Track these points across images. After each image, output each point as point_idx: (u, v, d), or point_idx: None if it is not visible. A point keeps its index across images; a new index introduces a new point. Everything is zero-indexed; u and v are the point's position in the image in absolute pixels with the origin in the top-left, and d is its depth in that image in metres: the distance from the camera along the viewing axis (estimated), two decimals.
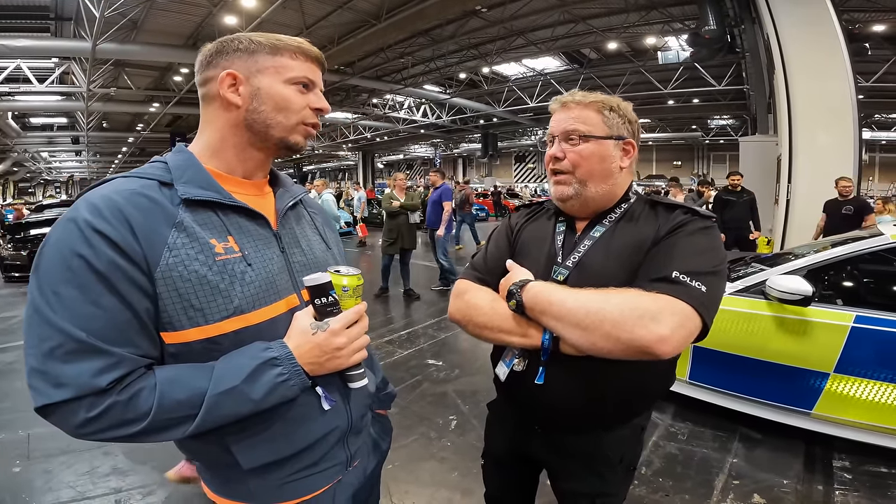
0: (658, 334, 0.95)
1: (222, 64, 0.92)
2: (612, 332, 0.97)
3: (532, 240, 1.32)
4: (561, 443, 1.29)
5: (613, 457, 1.27)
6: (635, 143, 1.23)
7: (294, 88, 0.94)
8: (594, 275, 1.14)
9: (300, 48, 0.95)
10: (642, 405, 1.28)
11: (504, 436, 1.46)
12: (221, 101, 0.92)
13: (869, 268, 3.02)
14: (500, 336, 1.18)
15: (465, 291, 1.29)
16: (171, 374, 0.80)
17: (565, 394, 1.18)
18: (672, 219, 1.15)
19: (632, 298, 1.00)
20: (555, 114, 1.24)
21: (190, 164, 0.90)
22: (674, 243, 1.10)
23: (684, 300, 0.99)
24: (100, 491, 2.64)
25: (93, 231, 0.75)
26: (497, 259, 1.32)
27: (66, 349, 0.73)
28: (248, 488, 0.94)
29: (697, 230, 1.12)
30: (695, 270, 1.03)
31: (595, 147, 1.17)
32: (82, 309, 0.74)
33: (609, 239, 1.19)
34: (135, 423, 0.77)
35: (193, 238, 0.83)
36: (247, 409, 0.83)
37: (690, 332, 0.99)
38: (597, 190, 1.19)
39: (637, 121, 1.25)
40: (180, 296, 0.80)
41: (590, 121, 1.18)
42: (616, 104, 1.20)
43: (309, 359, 0.88)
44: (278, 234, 0.98)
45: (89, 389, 0.74)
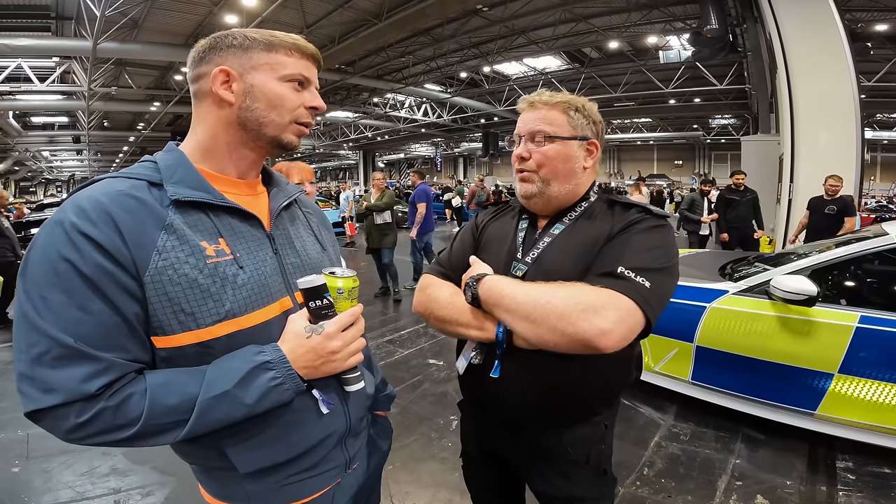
0: (599, 328, 0.96)
1: (215, 60, 0.89)
2: (557, 326, 0.99)
3: (495, 237, 1.36)
4: (524, 441, 1.30)
5: (577, 456, 1.27)
6: (599, 144, 1.26)
7: (289, 86, 0.92)
8: (551, 271, 1.16)
9: (295, 45, 0.92)
10: (599, 402, 1.28)
11: (473, 435, 1.48)
12: (214, 98, 0.90)
13: (874, 268, 3.00)
14: (458, 329, 1.21)
15: (428, 286, 1.32)
16: (162, 378, 0.79)
17: (520, 388, 1.20)
18: (626, 217, 1.18)
19: (577, 292, 1.02)
20: (522, 113, 1.26)
21: (180, 163, 0.88)
22: (624, 240, 1.13)
23: (627, 295, 1.01)
24: (99, 491, 2.63)
25: (79, 234, 0.73)
26: (461, 255, 1.35)
27: (53, 355, 0.72)
28: (245, 492, 0.92)
29: (648, 228, 1.14)
30: (640, 266, 1.05)
31: (560, 147, 1.20)
32: (70, 314, 0.73)
33: (567, 236, 1.22)
34: (125, 428, 0.75)
35: (183, 241, 0.81)
36: (240, 414, 0.81)
37: (631, 327, 1.00)
38: (560, 189, 1.22)
39: (601, 122, 1.28)
40: (170, 300, 0.78)
41: (555, 121, 1.20)
42: (581, 105, 1.23)
43: (303, 363, 0.86)
44: (272, 235, 0.96)
45: (78, 395, 0.72)
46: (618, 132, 34.52)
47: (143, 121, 24.99)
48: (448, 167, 49.65)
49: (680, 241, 12.66)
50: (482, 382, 1.23)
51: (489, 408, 1.32)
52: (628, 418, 3.39)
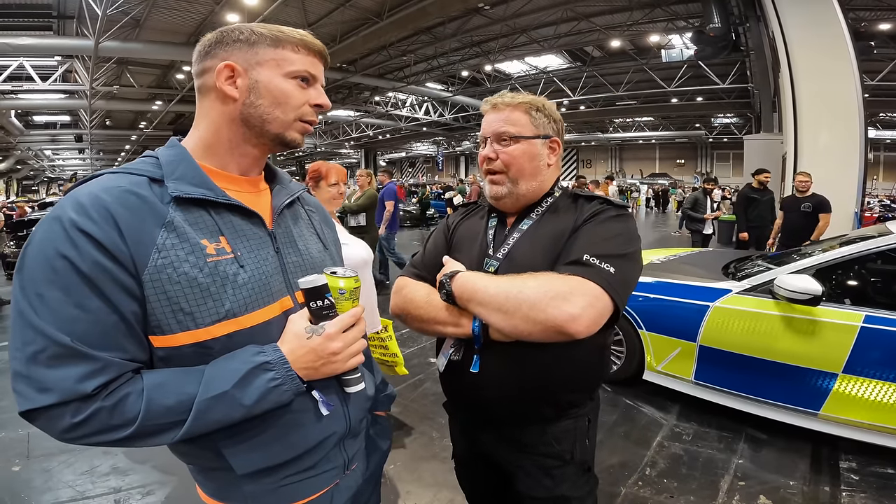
0: (569, 313, 1.01)
1: (221, 55, 0.88)
2: (529, 314, 1.04)
3: (466, 236, 1.39)
4: (507, 437, 1.32)
5: (562, 452, 1.28)
6: (560, 142, 1.31)
7: (294, 83, 0.90)
8: (521, 265, 1.19)
9: (303, 41, 0.91)
10: (577, 393, 1.29)
11: (460, 435, 1.50)
12: (217, 94, 0.88)
13: (879, 267, 2.98)
14: (435, 328, 1.24)
15: (404, 287, 1.35)
16: (160, 378, 0.77)
17: (499, 381, 1.22)
18: (588, 208, 1.23)
19: (546, 281, 1.07)
20: (486, 115, 1.30)
21: (182, 159, 0.86)
22: (588, 230, 1.18)
23: (593, 280, 1.05)
24: (99, 490, 2.62)
25: (78, 231, 0.72)
26: (434, 256, 1.38)
27: (49, 353, 0.71)
28: (242, 492, 0.91)
29: (610, 217, 1.20)
30: (604, 253, 1.10)
31: (525, 147, 1.25)
32: (66, 312, 0.71)
33: (535, 230, 1.27)
34: (121, 428, 0.74)
35: (184, 238, 0.80)
36: (238, 415, 0.80)
37: (600, 311, 1.05)
38: (527, 187, 1.27)
39: (561, 120, 1.33)
40: (169, 299, 0.77)
41: (519, 122, 1.25)
42: (542, 104, 1.28)
43: (303, 363, 0.85)
44: (273, 233, 0.94)
45: (74, 395, 0.71)
46: (620, 131, 34.50)
47: (146, 120, 25.03)
48: (449, 166, 49.65)
49: (683, 239, 12.64)
50: (463, 378, 1.25)
51: (471, 404, 1.34)
52: (630, 418, 3.38)
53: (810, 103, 7.61)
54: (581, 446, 1.31)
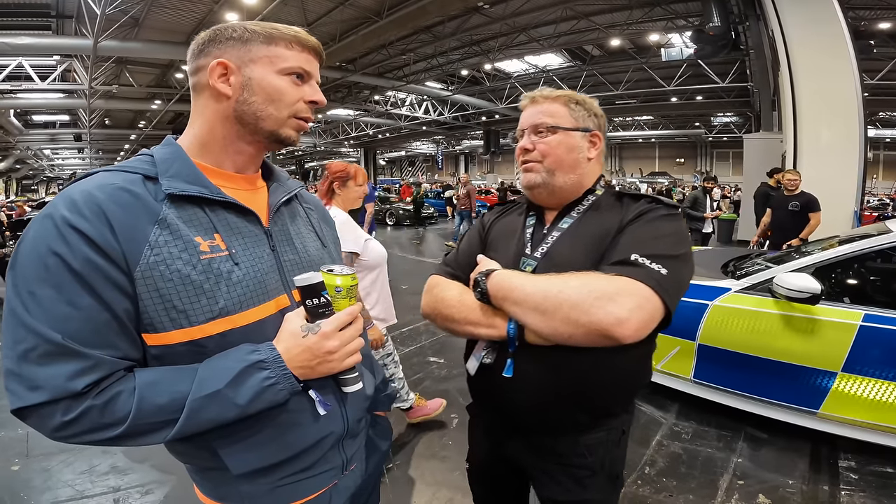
0: (615, 316, 0.94)
1: (214, 53, 0.87)
2: (570, 315, 0.98)
3: (502, 234, 1.35)
4: (537, 445, 1.27)
5: (594, 462, 1.24)
6: (601, 136, 1.26)
7: (288, 79, 0.90)
8: (561, 265, 1.13)
9: (296, 37, 0.90)
10: (616, 402, 1.24)
11: (483, 439, 1.44)
12: (211, 92, 0.88)
13: (878, 266, 2.98)
14: (467, 328, 1.19)
15: (435, 286, 1.30)
16: (152, 377, 0.77)
17: (534, 386, 1.16)
18: (636, 207, 1.17)
19: (590, 280, 1.01)
20: (525, 110, 1.28)
21: (177, 157, 0.86)
22: (636, 229, 1.11)
23: (642, 281, 0.98)
24: (98, 490, 2.62)
25: (69, 228, 0.72)
26: (469, 255, 1.33)
27: (40, 351, 0.70)
28: (239, 492, 0.91)
29: (660, 216, 1.13)
30: (654, 253, 1.03)
31: (562, 138, 1.21)
32: (58, 309, 0.71)
33: (576, 229, 1.21)
34: (113, 427, 0.74)
35: (177, 235, 0.79)
36: (232, 414, 0.79)
37: (650, 314, 0.98)
38: (564, 179, 1.22)
39: (603, 116, 1.29)
40: (161, 296, 0.77)
41: (557, 113, 1.22)
42: (582, 99, 1.25)
43: (299, 362, 0.84)
44: (269, 231, 0.94)
45: (65, 393, 0.71)
46: (619, 130, 34.49)
47: (145, 119, 25.03)
48: (449, 165, 49.63)
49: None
50: (494, 383, 1.19)
51: (502, 409, 1.27)
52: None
53: (810, 102, 7.61)
54: (612, 457, 1.27)
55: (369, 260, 2.59)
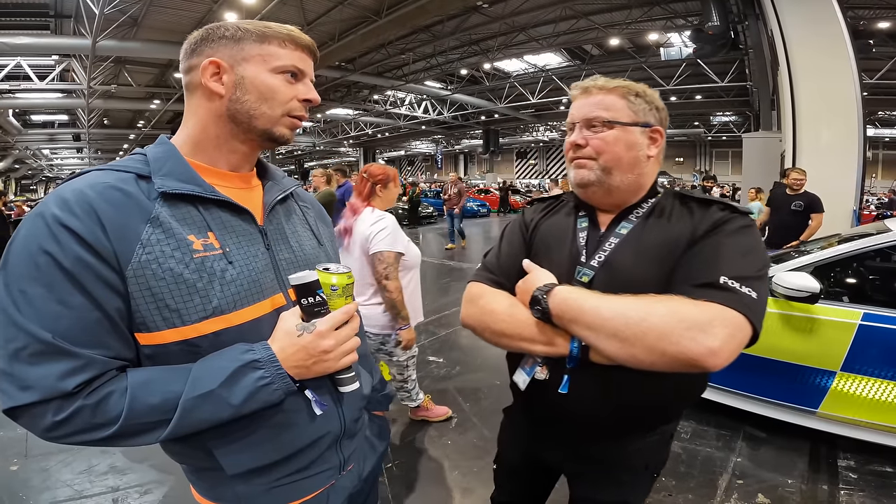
0: (708, 347, 0.87)
1: (206, 52, 0.87)
2: (656, 345, 0.90)
3: (550, 237, 1.22)
4: (583, 451, 1.22)
5: (638, 464, 1.20)
6: (663, 131, 1.15)
7: (281, 78, 0.89)
8: (623, 276, 1.06)
9: (290, 36, 0.90)
10: (674, 412, 1.21)
11: (520, 443, 1.38)
12: (204, 91, 0.88)
13: (877, 265, 2.98)
14: (520, 344, 1.10)
15: (480, 296, 1.19)
16: (145, 376, 0.77)
17: (592, 403, 1.09)
18: (709, 216, 1.06)
19: (678, 307, 0.92)
20: (575, 100, 1.16)
21: (170, 156, 0.86)
22: (716, 244, 1.01)
23: (736, 308, 0.91)
24: (97, 489, 2.62)
25: (60, 226, 0.71)
26: (511, 258, 1.22)
27: (31, 351, 0.70)
28: (235, 493, 0.90)
29: (738, 229, 1.03)
30: (743, 275, 0.95)
31: (620, 133, 1.09)
32: (49, 308, 0.71)
33: (638, 236, 1.10)
34: (104, 427, 0.74)
35: (170, 234, 0.79)
36: (226, 414, 0.79)
37: (741, 342, 0.91)
38: (622, 179, 1.11)
39: (664, 108, 1.17)
40: (153, 295, 0.76)
41: (614, 106, 1.10)
42: (642, 90, 1.14)
43: (294, 362, 0.83)
44: (264, 229, 0.93)
45: (55, 392, 0.70)
46: None
47: (144, 118, 25.01)
48: (449, 164, 49.59)
49: None
50: (545, 398, 1.13)
51: (554, 423, 1.22)
52: None
53: (809, 101, 7.60)
54: (657, 456, 1.24)
55: (410, 261, 2.70)
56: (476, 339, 3.20)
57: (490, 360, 4.50)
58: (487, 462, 2.77)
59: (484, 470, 2.76)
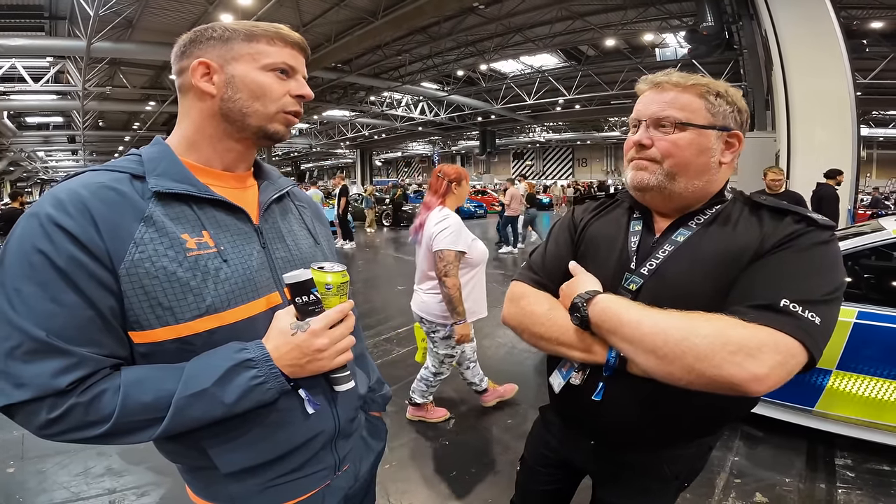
0: (753, 373, 0.80)
1: (196, 53, 0.89)
2: (695, 366, 0.84)
3: (600, 239, 1.16)
4: (614, 457, 1.19)
5: (669, 473, 1.15)
6: (742, 136, 1.04)
7: (272, 75, 0.90)
8: (674, 287, 0.99)
9: (278, 33, 0.91)
10: (713, 425, 1.12)
11: (549, 444, 1.36)
12: (195, 91, 0.89)
13: (871, 263, 3.00)
14: (558, 349, 1.06)
15: (522, 297, 1.16)
16: (138, 375, 0.78)
17: (626, 413, 1.06)
18: (782, 228, 0.95)
19: (725, 329, 0.84)
20: (643, 95, 1.07)
21: (164, 156, 0.87)
22: (784, 261, 0.92)
23: (792, 334, 0.83)
24: (94, 492, 2.61)
25: (54, 226, 0.73)
26: (557, 259, 1.18)
27: (25, 349, 0.71)
28: (228, 493, 0.91)
29: (814, 244, 0.92)
30: (810, 299, 0.86)
31: (693, 137, 1.00)
32: (43, 307, 0.72)
33: (696, 245, 1.02)
34: (97, 425, 0.74)
35: (163, 233, 0.80)
36: (219, 413, 0.79)
37: (791, 370, 0.83)
38: (686, 186, 1.02)
39: (747, 110, 1.06)
40: (147, 293, 0.77)
41: (690, 106, 1.00)
42: (724, 89, 1.03)
43: (288, 361, 0.84)
44: (259, 228, 0.94)
45: (49, 390, 0.71)
46: (615, 130, 34.57)
47: (139, 120, 24.95)
48: None
49: None
50: (579, 403, 1.10)
51: (586, 427, 1.18)
52: None
53: (803, 101, 7.64)
54: (691, 467, 1.19)
55: (473, 258, 2.84)
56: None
57: (486, 362, 4.50)
58: (485, 464, 2.80)
59: (481, 471, 2.77)
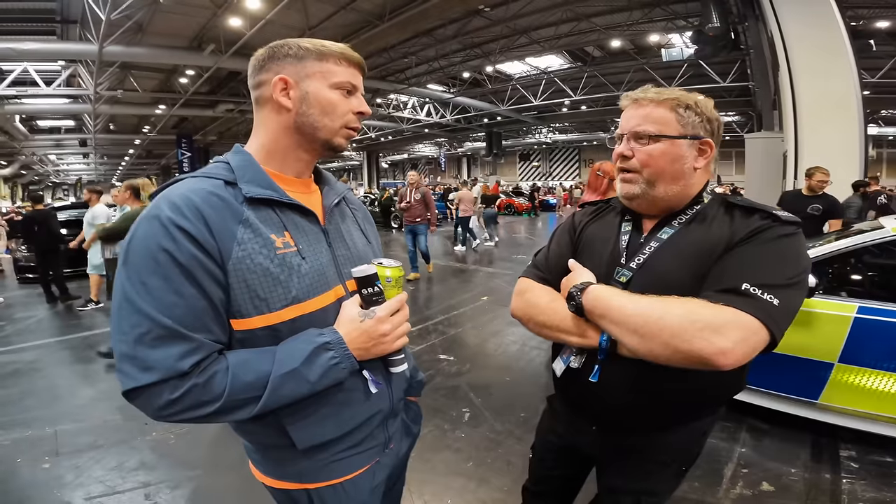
0: (719, 347, 0.92)
1: (274, 69, 0.98)
2: (670, 342, 0.95)
3: (595, 239, 1.30)
4: (615, 441, 1.29)
5: (667, 457, 1.26)
6: (713, 143, 1.16)
7: (339, 93, 1.00)
8: (658, 278, 1.11)
9: (343, 54, 1.01)
10: (704, 409, 1.23)
11: (556, 430, 1.47)
12: (273, 105, 0.98)
13: (871, 260, 3.07)
14: (558, 335, 1.20)
15: (527, 290, 1.30)
16: (241, 357, 0.88)
17: (620, 392, 1.17)
18: (749, 223, 1.08)
19: (694, 308, 0.96)
20: (625, 110, 1.20)
21: (250, 164, 0.97)
22: (748, 251, 1.04)
23: (752, 313, 0.94)
24: (129, 485, 2.70)
25: (175, 227, 0.83)
26: (559, 258, 1.32)
27: (154, 335, 0.81)
28: (298, 468, 1.02)
29: (777, 237, 1.04)
30: (768, 283, 0.97)
31: (666, 147, 1.12)
32: (167, 298, 0.81)
33: (677, 241, 1.14)
34: (210, 403, 0.84)
35: (257, 234, 0.90)
36: (304, 390, 0.90)
37: (755, 346, 0.95)
38: (666, 190, 1.15)
39: (718, 119, 1.18)
40: (248, 286, 0.88)
41: (662, 120, 1.13)
42: (693, 102, 1.14)
43: (357, 344, 0.95)
44: (326, 229, 1.05)
45: (173, 372, 0.81)
46: None
47: (149, 124, 25.09)
48: (452, 167, 49.67)
49: None
50: (579, 385, 1.21)
51: (586, 409, 1.30)
52: None
53: (810, 101, 7.67)
54: (687, 452, 1.29)
55: None
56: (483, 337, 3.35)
57: (498, 358, 4.61)
58: (500, 454, 2.91)
59: (497, 461, 2.87)
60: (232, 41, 13.32)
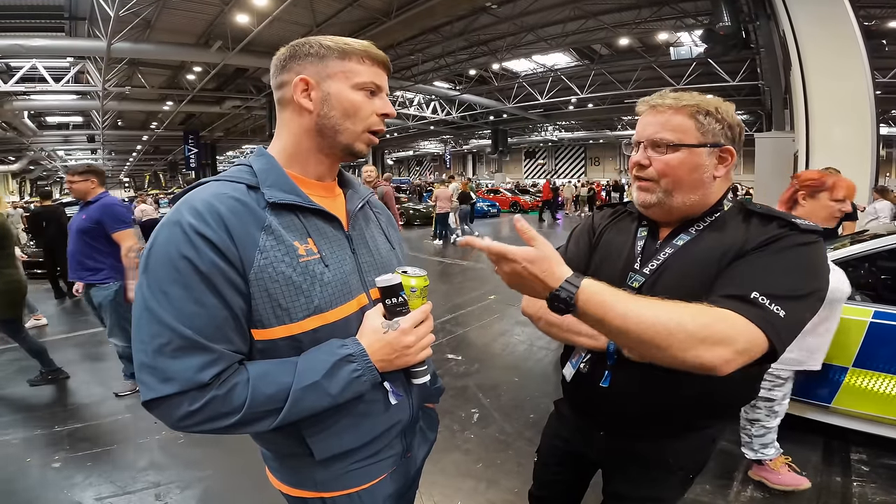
0: (721, 357, 0.87)
1: (295, 69, 0.94)
2: (667, 352, 0.90)
3: (612, 242, 1.28)
4: (621, 447, 1.27)
5: (674, 463, 1.23)
6: (734, 151, 1.10)
7: (362, 94, 0.95)
8: (670, 285, 1.08)
9: (367, 52, 0.95)
10: (716, 417, 1.20)
11: (562, 435, 1.45)
12: (294, 106, 0.95)
13: (888, 265, 3.04)
14: (568, 335, 1.18)
15: None
16: (262, 368, 0.85)
17: (632, 399, 1.14)
18: (766, 230, 1.03)
19: (695, 316, 0.89)
20: (642, 116, 1.14)
21: (273, 167, 0.94)
22: (762, 259, 0.99)
23: (756, 324, 0.89)
24: (139, 485, 2.69)
25: (196, 234, 0.80)
26: (577, 258, 1.30)
27: (174, 346, 0.78)
28: (315, 478, 1.00)
29: (794, 245, 0.99)
30: (777, 293, 0.92)
31: (685, 156, 1.07)
32: (188, 308, 0.79)
33: (691, 248, 1.11)
34: (230, 416, 0.82)
35: (280, 241, 0.87)
36: (325, 403, 0.87)
37: (753, 356, 0.90)
38: (684, 200, 1.10)
39: (740, 124, 1.12)
40: (270, 296, 0.85)
41: (681, 127, 1.07)
42: (714, 107, 1.08)
43: (380, 356, 0.92)
44: (349, 235, 1.01)
45: (193, 384, 0.79)
46: (628, 129, 34.41)
47: (157, 120, 25.23)
48: (457, 164, 49.63)
49: None
50: (589, 390, 1.20)
51: (595, 415, 1.27)
52: None
53: (821, 100, 7.61)
54: (695, 459, 1.26)
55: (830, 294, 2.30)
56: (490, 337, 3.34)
57: (506, 358, 4.60)
58: (510, 455, 2.90)
59: (506, 462, 2.86)
60: (239, 38, 13.34)
